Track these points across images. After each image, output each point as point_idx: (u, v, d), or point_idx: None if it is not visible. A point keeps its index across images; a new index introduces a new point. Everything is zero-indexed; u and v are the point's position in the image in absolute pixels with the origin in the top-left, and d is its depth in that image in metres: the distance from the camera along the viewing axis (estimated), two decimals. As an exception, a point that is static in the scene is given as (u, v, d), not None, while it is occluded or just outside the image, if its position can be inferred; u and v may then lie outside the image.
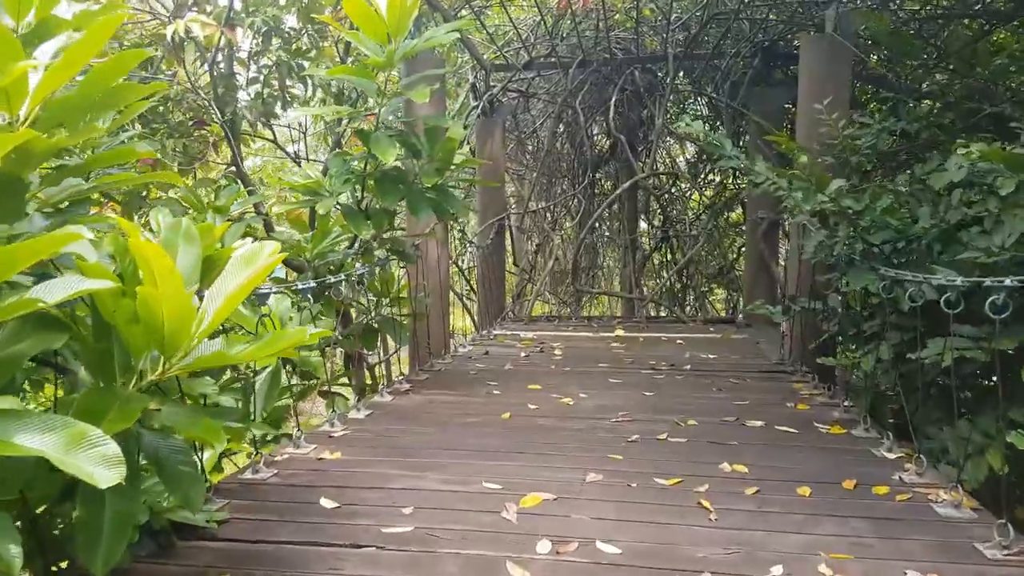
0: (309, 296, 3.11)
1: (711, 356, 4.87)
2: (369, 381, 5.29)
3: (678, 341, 5.56)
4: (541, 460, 2.60)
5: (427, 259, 4.73)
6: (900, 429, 3.36)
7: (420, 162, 3.38)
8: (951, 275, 2.44)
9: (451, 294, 7.12)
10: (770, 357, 4.78)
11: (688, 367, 4.40)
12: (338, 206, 3.43)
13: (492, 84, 7.38)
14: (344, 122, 6.22)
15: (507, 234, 7.79)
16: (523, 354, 4.97)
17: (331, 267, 3.81)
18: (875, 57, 6.68)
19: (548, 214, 8.68)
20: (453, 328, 5.37)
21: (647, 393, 3.66)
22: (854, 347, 3.53)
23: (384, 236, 3.75)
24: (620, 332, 6.16)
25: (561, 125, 9.09)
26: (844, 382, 4.03)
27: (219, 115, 4.22)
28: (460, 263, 7.10)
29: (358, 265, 3.46)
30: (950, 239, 2.81)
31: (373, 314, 4.02)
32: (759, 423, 3.04)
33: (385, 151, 3.08)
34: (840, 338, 3.92)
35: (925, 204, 3.48)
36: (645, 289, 8.65)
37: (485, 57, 7.28)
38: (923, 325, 2.59)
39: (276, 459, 2.57)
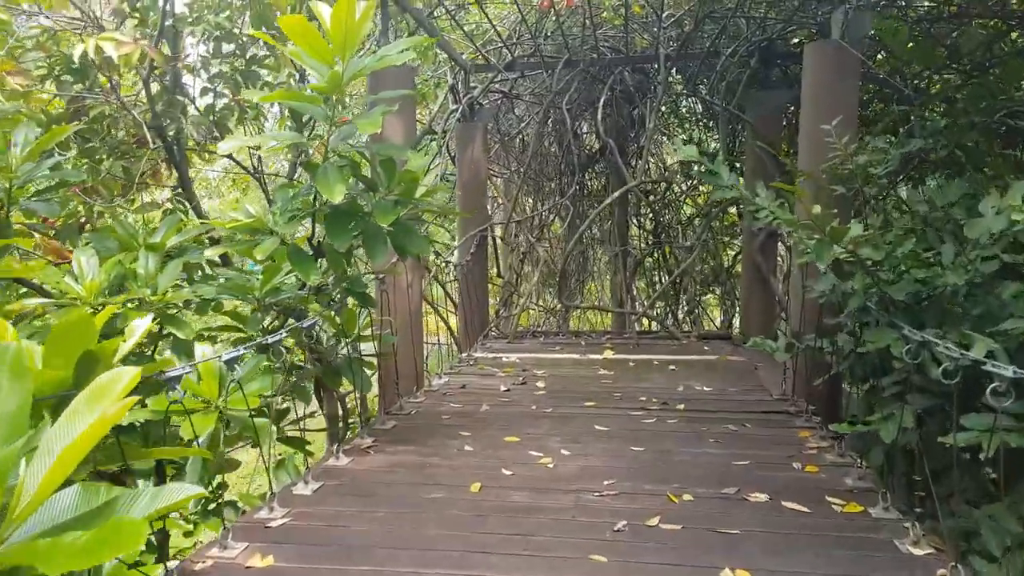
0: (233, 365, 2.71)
1: (706, 388, 4.50)
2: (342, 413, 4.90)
3: (671, 368, 5.18)
4: (510, 565, 2.21)
5: (396, 286, 4.33)
6: (916, 485, 3.01)
7: (376, 196, 2.97)
8: (990, 344, 2.06)
9: (431, 313, 6.72)
10: (771, 390, 4.41)
11: (681, 406, 4.02)
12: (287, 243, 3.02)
13: (473, 85, 6.95)
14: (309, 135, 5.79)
15: (490, 245, 7.39)
16: (503, 387, 4.58)
17: (288, 305, 3.40)
18: (879, 56, 6.28)
19: (534, 222, 8.27)
20: (428, 358, 4.97)
21: (635, 448, 3.27)
22: (870, 406, 3.15)
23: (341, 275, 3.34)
24: (609, 353, 5.78)
25: (549, 126, 8.68)
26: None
27: (152, 138, 3.78)
28: (440, 277, 6.68)
29: (307, 319, 3.05)
30: (985, 293, 2.43)
31: (336, 355, 3.62)
32: (763, 497, 2.66)
33: (331, 187, 2.67)
34: (848, 379, 3.55)
35: (946, 237, 3.11)
36: (636, 300, 8.26)
37: (464, 57, 6.85)
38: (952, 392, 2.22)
39: (195, 568, 2.17)
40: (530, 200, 9.60)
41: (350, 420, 5.92)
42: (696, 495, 2.69)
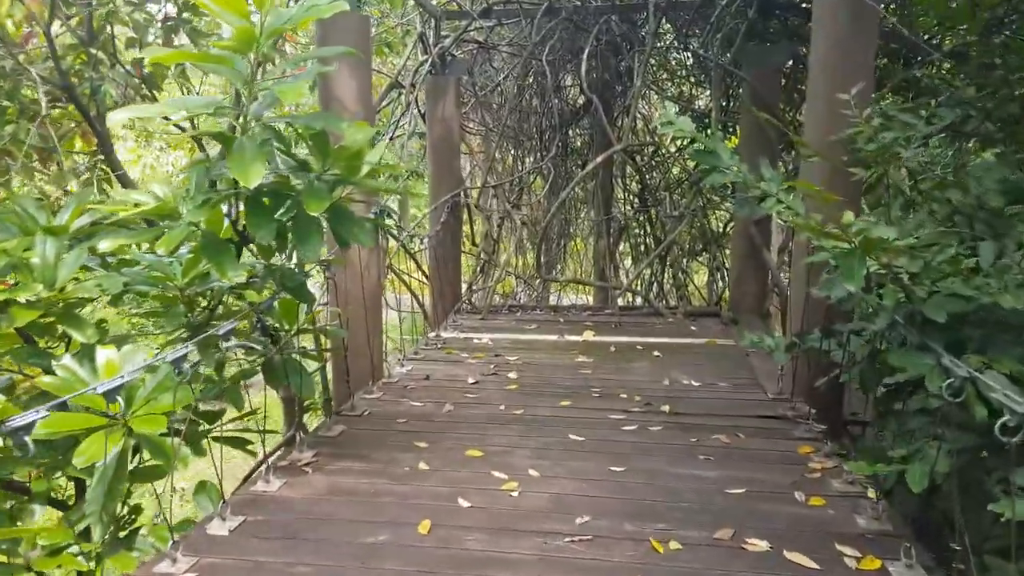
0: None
1: (694, 383, 4.09)
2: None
3: (655, 354, 4.76)
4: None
5: (349, 269, 3.83)
6: (942, 521, 2.64)
7: (308, 178, 2.45)
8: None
9: (401, 287, 6.24)
10: (765, 385, 4.00)
11: (666, 407, 3.61)
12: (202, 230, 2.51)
13: (444, 35, 6.32)
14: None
15: (465, 211, 6.86)
16: (471, 379, 4.14)
17: (210, 298, 2.91)
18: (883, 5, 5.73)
19: (512, 185, 7.72)
20: (385, 343, 4.50)
21: (615, 468, 2.85)
22: (881, 414, 2.75)
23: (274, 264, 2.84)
24: (589, 335, 5.35)
25: (529, 79, 8.07)
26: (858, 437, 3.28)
27: (59, 98, 3.20)
28: (409, 247, 6.16)
29: (224, 323, 2.55)
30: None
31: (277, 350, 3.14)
32: (763, 545, 2.25)
33: (247, 168, 2.14)
34: (858, 385, 3.14)
35: (981, 228, 2.66)
36: (619, 268, 7.81)
37: (435, 3, 6.20)
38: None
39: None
40: (509, 160, 9.04)
41: (309, 402, 5.47)
42: (684, 541, 2.28)
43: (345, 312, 3.91)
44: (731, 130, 7.56)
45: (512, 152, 9.05)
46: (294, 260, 3.05)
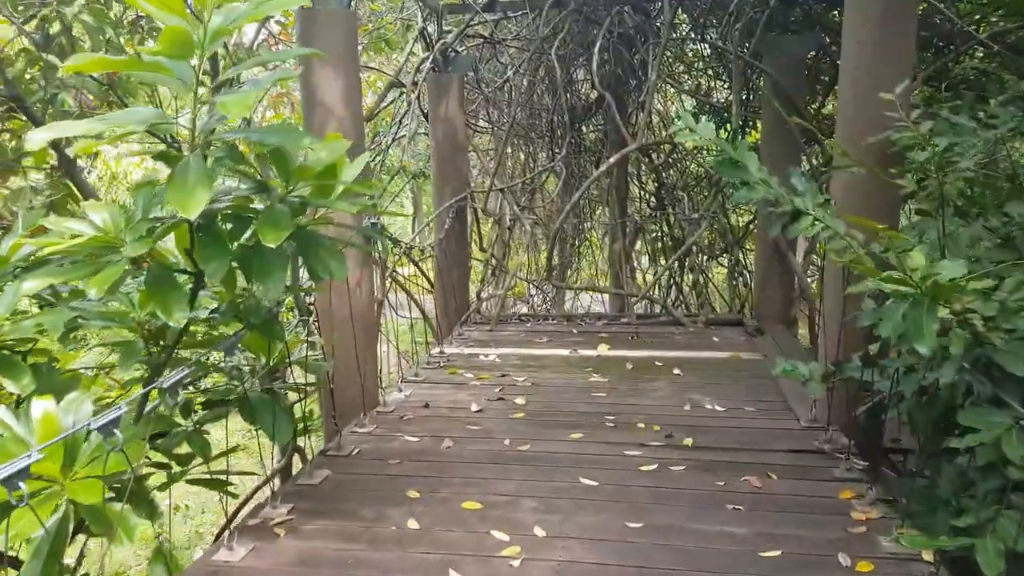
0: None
1: (718, 408, 3.72)
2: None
3: (675, 371, 4.39)
4: None
5: (336, 289, 3.50)
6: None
7: (268, 201, 2.12)
8: None
9: (406, 297, 5.93)
10: (796, 410, 3.62)
11: (689, 440, 3.24)
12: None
13: (447, 29, 5.97)
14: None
15: (472, 214, 6.52)
16: (474, 406, 3.80)
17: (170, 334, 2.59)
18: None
19: (522, 186, 7.36)
20: (381, 367, 4.18)
21: (632, 524, 2.50)
22: (930, 454, 2.37)
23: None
24: (604, 348, 4.99)
25: (541, 74, 7.69)
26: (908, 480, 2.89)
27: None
28: (415, 254, 5.83)
29: (174, 371, 2.22)
30: None
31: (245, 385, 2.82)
32: (807, 633, 1.89)
33: (188, 195, 1.81)
34: (906, 422, 2.75)
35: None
36: (636, 270, 7.42)
37: (436, -4, 5.84)
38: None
39: None
40: (520, 159, 8.68)
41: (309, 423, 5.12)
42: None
43: (331, 338, 3.59)
44: (751, 125, 7.14)
45: (523, 151, 8.69)
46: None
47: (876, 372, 2.75)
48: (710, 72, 7.81)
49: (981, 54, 5.50)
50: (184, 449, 2.63)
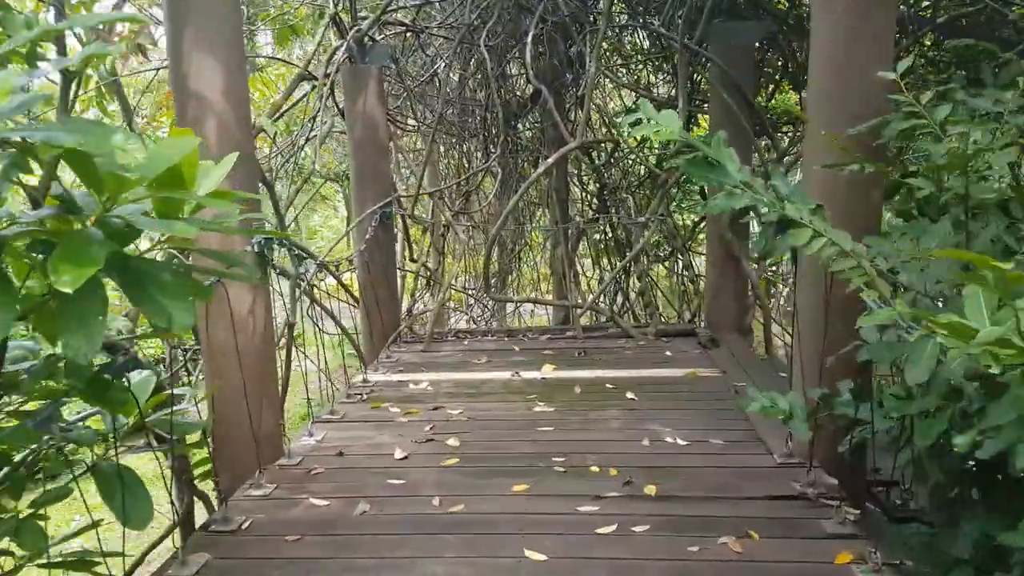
0: None
1: (680, 441, 3.24)
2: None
3: (629, 395, 3.90)
4: None
5: (222, 316, 2.87)
6: None
7: (78, 222, 1.50)
8: None
9: (324, 318, 5.27)
10: (768, 443, 3.17)
11: (652, 488, 2.74)
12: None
13: (362, 15, 5.35)
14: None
15: (400, 221, 5.91)
16: (399, 452, 3.20)
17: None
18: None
19: (455, 189, 6.79)
20: (285, 416, 3.54)
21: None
22: (961, 540, 1.92)
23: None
24: (549, 369, 4.48)
25: (471, 67, 7.14)
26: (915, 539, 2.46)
27: None
28: (338, 268, 5.18)
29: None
30: None
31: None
32: None
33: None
34: (913, 469, 2.31)
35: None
36: (581, 285, 6.93)
37: (349, -22, 5.22)
38: None
39: None
40: (454, 158, 8.11)
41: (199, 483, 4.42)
42: None
43: (214, 381, 2.95)
44: (693, 120, 6.77)
45: (456, 151, 8.12)
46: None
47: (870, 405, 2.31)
48: (650, 65, 7.41)
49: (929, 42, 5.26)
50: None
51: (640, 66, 7.69)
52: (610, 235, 6.99)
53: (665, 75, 7.37)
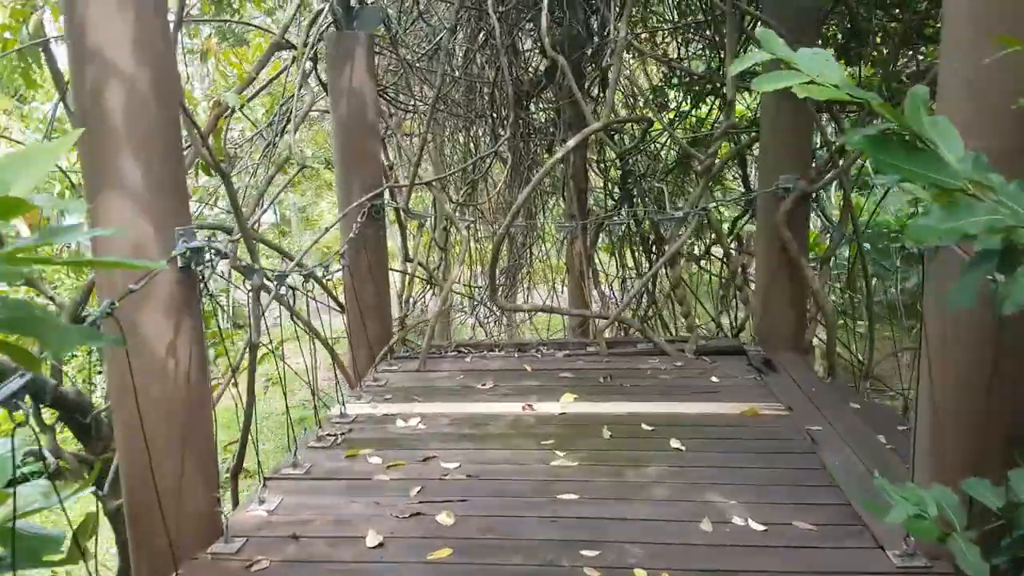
0: None
1: (753, 523, 2.39)
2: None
3: (673, 444, 3.06)
4: None
5: (143, 359, 2.05)
6: None
7: None
8: None
9: (309, 338, 4.45)
10: (873, 531, 2.32)
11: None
12: None
13: (349, -28, 4.48)
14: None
15: (394, 216, 5.06)
16: (371, 540, 2.37)
17: None
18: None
19: (461, 179, 5.94)
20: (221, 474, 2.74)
21: None
22: None
23: None
24: (569, 400, 3.66)
25: (480, 38, 6.28)
26: None
27: None
28: (327, 268, 4.34)
29: None
30: None
31: None
32: None
33: None
34: None
35: None
36: (601, 284, 6.08)
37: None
38: None
39: None
40: (460, 142, 7.27)
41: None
42: None
43: (124, 443, 2.14)
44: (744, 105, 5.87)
45: (462, 134, 7.27)
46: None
47: None
48: (679, 36, 6.49)
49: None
50: None
51: (668, 37, 6.79)
52: (635, 229, 6.12)
53: (697, 47, 6.47)
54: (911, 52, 5.45)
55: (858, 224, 4.59)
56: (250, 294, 3.38)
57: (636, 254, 6.08)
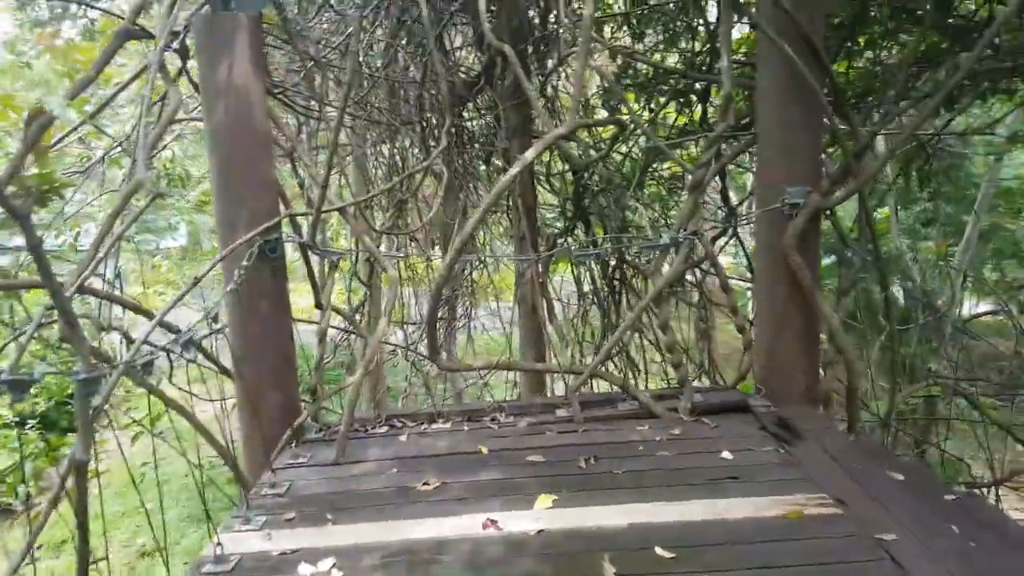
0: None
1: None
2: None
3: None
4: None
5: None
6: None
7: None
8: None
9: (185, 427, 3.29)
10: None
11: None
12: None
13: (222, -65, 3.39)
14: None
15: (298, 251, 3.94)
16: None
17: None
18: None
19: (387, 201, 4.88)
20: None
21: None
22: None
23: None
24: (546, 506, 2.63)
25: (403, 32, 5.30)
26: None
27: None
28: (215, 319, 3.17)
29: None
30: None
31: None
32: None
33: None
34: None
35: None
36: (558, 315, 5.10)
37: None
38: None
39: None
40: (384, 154, 6.23)
41: None
42: None
43: None
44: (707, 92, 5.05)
45: (387, 146, 6.22)
46: None
47: None
48: (635, 23, 5.60)
49: None
50: None
51: (617, 28, 5.92)
52: (596, 263, 5.17)
53: (655, 38, 5.61)
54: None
55: (878, 244, 3.77)
56: (76, 393, 2.26)
57: (598, 290, 5.14)
